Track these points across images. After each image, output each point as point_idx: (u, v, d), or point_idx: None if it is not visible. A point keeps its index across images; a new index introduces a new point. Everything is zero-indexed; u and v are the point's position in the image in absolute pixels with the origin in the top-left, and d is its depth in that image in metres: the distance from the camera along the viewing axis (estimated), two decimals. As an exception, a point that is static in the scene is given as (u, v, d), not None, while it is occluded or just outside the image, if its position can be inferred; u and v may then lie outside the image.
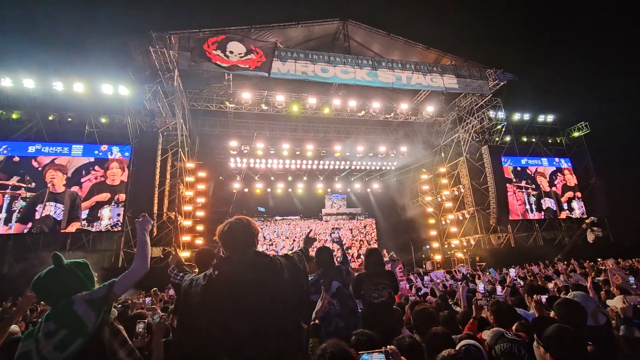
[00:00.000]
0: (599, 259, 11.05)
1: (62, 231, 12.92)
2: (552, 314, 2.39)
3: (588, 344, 1.85)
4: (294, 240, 20.81)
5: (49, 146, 13.70)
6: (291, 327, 1.67)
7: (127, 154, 14.31)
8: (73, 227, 13.04)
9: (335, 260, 3.24)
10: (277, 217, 21.86)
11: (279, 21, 14.54)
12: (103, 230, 13.47)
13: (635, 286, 3.93)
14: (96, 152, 14.12)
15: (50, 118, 14.18)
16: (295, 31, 15.04)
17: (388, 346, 1.32)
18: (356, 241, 21.89)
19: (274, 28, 14.49)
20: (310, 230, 2.64)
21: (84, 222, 13.25)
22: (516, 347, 1.87)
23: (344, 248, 3.60)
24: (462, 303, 3.56)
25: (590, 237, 14.98)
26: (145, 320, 2.44)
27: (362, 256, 3.70)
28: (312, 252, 3.48)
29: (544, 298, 2.76)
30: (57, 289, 1.78)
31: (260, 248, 1.93)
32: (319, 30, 15.57)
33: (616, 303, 3.43)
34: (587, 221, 15.45)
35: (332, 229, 21.52)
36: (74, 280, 1.83)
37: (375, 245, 21.53)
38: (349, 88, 16.00)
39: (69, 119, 14.43)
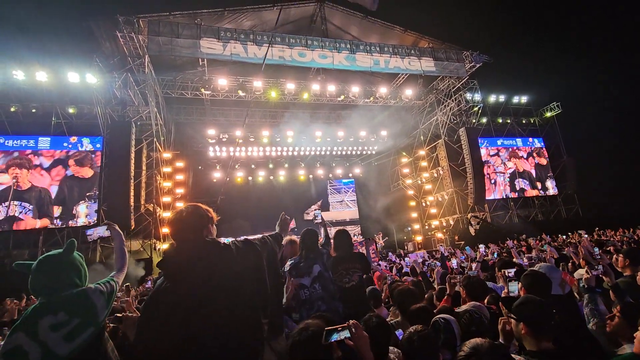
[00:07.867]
0: (569, 233, 11.79)
1: (30, 228, 12.36)
2: (519, 285, 2.49)
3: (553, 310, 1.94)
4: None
5: (13, 139, 12.93)
6: (250, 321, 1.47)
7: (98, 145, 13.73)
8: (42, 224, 12.50)
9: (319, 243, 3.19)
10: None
11: (253, 3, 14.09)
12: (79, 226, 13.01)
13: (599, 257, 4.13)
14: (65, 144, 13.47)
15: (12, 109, 13.38)
16: (270, 14, 14.58)
17: (350, 321, 1.35)
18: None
19: (248, 11, 14.02)
20: (283, 213, 2.51)
21: (56, 221, 12.70)
22: (475, 313, 1.95)
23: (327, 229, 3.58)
24: (436, 281, 3.66)
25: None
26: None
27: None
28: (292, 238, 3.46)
29: (512, 272, 2.87)
30: (67, 276, 1.72)
31: None
32: (295, 12, 15.15)
33: (581, 274, 3.64)
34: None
35: (314, 210, 21.53)
36: (78, 270, 1.79)
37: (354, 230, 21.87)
38: (328, 72, 15.80)
39: (33, 110, 13.67)
